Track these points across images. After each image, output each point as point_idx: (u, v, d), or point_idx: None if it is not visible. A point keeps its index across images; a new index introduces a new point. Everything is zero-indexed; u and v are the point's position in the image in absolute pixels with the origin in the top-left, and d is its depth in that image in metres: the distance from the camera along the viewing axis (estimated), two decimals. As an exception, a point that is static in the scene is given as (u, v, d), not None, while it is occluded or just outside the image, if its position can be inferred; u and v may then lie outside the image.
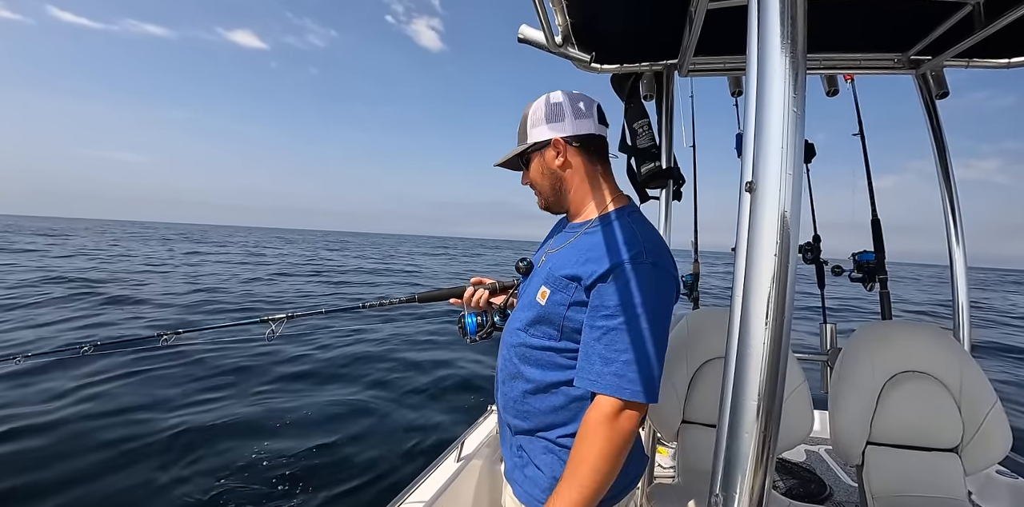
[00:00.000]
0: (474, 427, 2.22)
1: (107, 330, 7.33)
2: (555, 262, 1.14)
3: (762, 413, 0.59)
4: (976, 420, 1.62)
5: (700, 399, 1.74)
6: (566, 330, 1.07)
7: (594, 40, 1.99)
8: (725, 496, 0.62)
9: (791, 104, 0.61)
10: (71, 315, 8.09)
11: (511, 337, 1.19)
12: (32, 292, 9.97)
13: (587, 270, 1.04)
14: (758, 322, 0.60)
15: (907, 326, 1.85)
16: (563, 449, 1.10)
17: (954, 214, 2.07)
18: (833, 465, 2.51)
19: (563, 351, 1.09)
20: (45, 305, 8.77)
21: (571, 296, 1.06)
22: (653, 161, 2.19)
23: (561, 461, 1.09)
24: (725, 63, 2.20)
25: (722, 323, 0.65)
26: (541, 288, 1.12)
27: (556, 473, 1.08)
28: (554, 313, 1.08)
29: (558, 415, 1.10)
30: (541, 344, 1.11)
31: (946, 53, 1.90)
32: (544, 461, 1.12)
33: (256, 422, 4.26)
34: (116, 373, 5.12)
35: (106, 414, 4.22)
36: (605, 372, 0.97)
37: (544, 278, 1.13)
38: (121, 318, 8.14)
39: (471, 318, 1.36)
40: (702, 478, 1.63)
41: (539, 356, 1.11)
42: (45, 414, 4.10)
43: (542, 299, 1.11)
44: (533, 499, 1.12)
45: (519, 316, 1.19)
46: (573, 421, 1.10)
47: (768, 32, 0.62)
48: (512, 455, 1.21)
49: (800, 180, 0.62)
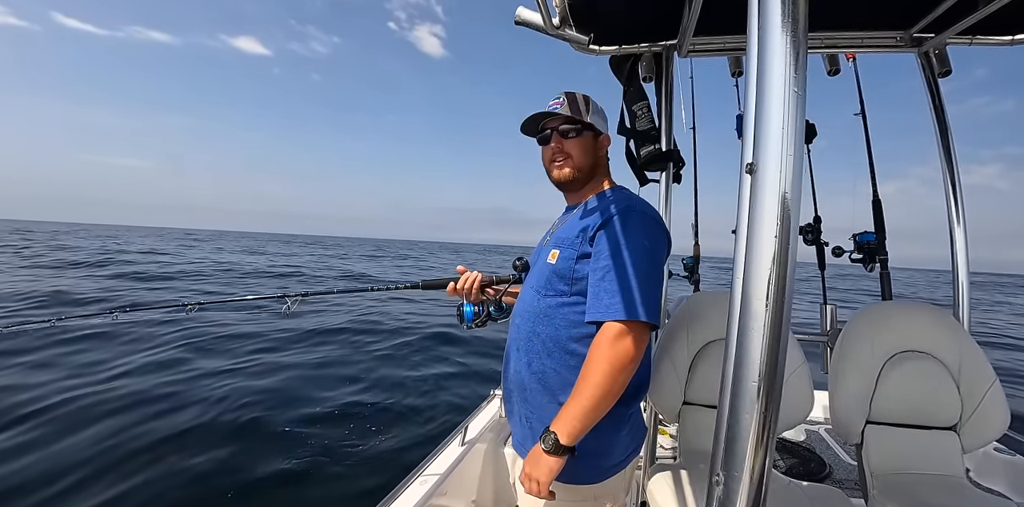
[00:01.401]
0: (477, 411, 2.24)
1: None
2: (561, 231, 1.30)
3: (762, 394, 0.60)
4: (975, 399, 1.64)
5: (701, 380, 1.76)
6: (576, 282, 1.18)
7: (592, 21, 1.96)
8: (726, 476, 0.62)
9: (792, 84, 0.60)
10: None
11: (525, 305, 1.29)
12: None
13: (588, 224, 1.20)
14: (758, 303, 0.60)
15: (907, 306, 1.86)
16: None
17: (955, 195, 2.06)
18: (833, 444, 2.54)
19: (575, 305, 1.18)
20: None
21: (577, 250, 1.19)
22: (653, 143, 2.18)
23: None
24: (725, 43, 2.16)
25: (723, 305, 0.65)
26: (551, 251, 1.26)
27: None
28: (564, 267, 1.20)
29: (572, 374, 1.14)
30: (555, 302, 1.21)
31: (949, 31, 1.88)
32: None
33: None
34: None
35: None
36: (610, 303, 1.08)
37: (553, 244, 1.27)
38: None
39: (469, 307, 1.45)
40: (703, 458, 1.65)
41: (553, 314, 1.21)
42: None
43: (552, 259, 1.24)
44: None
45: (532, 283, 1.32)
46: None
47: (768, 10, 0.61)
48: (523, 427, 1.28)
49: (801, 161, 0.61)
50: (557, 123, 1.30)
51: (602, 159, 1.37)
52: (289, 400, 4.48)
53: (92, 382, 4.64)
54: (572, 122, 1.29)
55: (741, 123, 1.37)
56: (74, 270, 14.44)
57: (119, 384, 4.63)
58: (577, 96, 1.31)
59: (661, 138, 2.21)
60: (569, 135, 1.29)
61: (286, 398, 4.52)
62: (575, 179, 1.32)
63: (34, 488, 2.89)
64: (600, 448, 1.16)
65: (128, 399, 4.28)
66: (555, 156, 1.31)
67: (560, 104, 1.30)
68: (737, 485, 0.61)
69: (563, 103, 1.30)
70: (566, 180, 1.32)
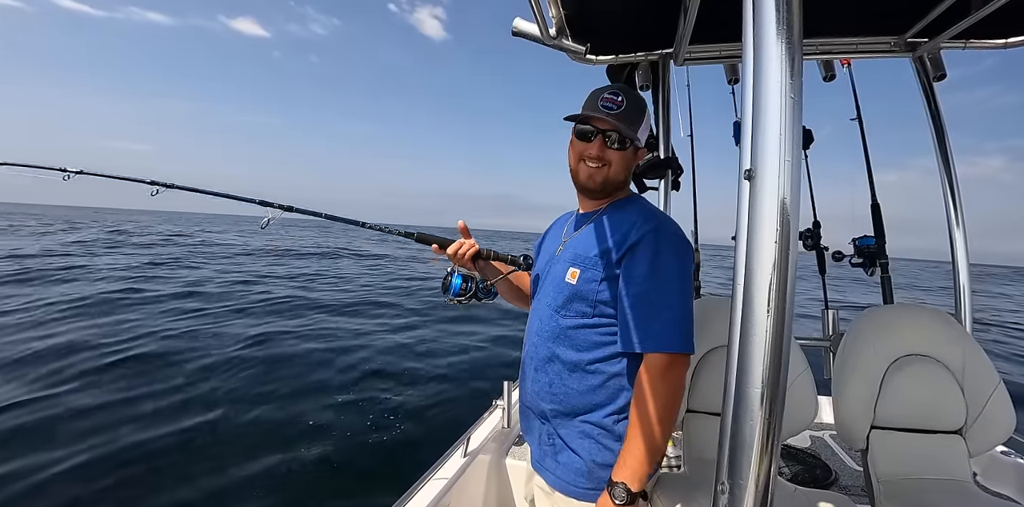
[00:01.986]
0: (479, 423, 2.23)
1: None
2: (579, 244, 1.21)
3: (766, 400, 0.59)
4: (979, 402, 1.63)
5: (704, 388, 1.75)
6: (599, 305, 1.13)
7: (589, 31, 1.98)
8: (731, 484, 0.62)
9: (788, 90, 0.60)
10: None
11: (542, 323, 1.22)
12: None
13: (614, 244, 1.12)
14: (760, 309, 0.60)
15: (908, 309, 1.85)
16: (603, 431, 1.13)
17: (954, 198, 2.06)
18: (838, 450, 2.52)
19: (596, 327, 1.13)
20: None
21: (602, 271, 1.12)
22: (651, 151, 2.19)
23: (599, 445, 1.12)
24: (721, 51, 2.18)
25: (724, 312, 0.65)
26: (570, 269, 1.17)
27: (595, 457, 1.12)
28: (587, 289, 1.13)
29: (596, 395, 1.13)
30: (576, 323, 1.15)
31: (943, 35, 1.89)
32: (581, 446, 1.14)
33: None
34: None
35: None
36: (649, 331, 1.03)
37: (571, 260, 1.19)
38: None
39: (458, 279, 1.34)
40: (708, 467, 1.63)
41: (574, 335, 1.16)
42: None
43: (572, 279, 1.16)
44: (569, 485, 1.14)
45: (547, 301, 1.23)
46: (612, 401, 1.13)
47: (764, 18, 0.62)
48: (542, 444, 1.23)
49: (799, 167, 0.61)
50: (607, 127, 1.15)
51: (631, 172, 1.25)
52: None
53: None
54: (624, 133, 1.16)
55: (739, 130, 1.37)
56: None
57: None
58: (638, 100, 1.17)
59: (659, 146, 2.22)
60: (614, 146, 1.16)
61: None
62: (603, 190, 1.22)
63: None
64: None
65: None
66: (591, 160, 1.18)
67: (619, 105, 1.15)
68: (743, 493, 0.61)
69: (622, 105, 1.15)
70: (595, 188, 1.21)
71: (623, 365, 1.13)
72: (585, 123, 1.18)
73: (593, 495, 1.10)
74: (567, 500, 1.14)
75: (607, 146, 1.16)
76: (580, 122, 1.19)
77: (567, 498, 1.14)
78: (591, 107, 1.17)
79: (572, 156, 1.23)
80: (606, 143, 1.16)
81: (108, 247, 18.59)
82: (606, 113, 1.14)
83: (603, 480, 1.09)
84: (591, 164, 1.18)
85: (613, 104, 1.15)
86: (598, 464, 1.12)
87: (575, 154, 1.21)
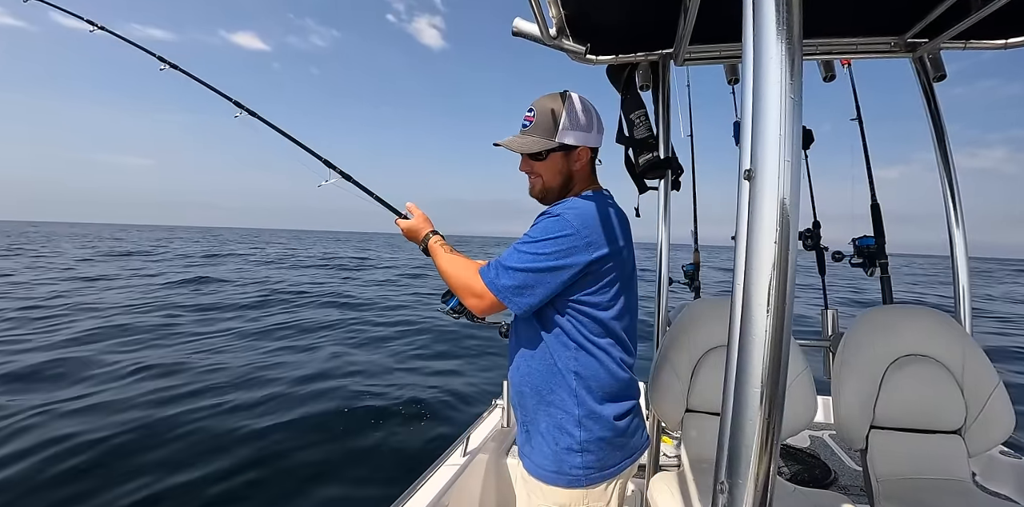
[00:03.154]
0: (479, 422, 2.23)
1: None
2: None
3: (765, 400, 0.60)
4: (979, 402, 1.63)
5: (703, 388, 1.75)
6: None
7: (589, 31, 1.98)
8: (731, 483, 0.62)
9: (788, 91, 0.61)
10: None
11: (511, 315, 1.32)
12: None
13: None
14: (759, 310, 0.60)
15: (908, 310, 1.86)
16: (559, 411, 1.18)
17: (954, 199, 2.07)
18: (837, 450, 2.53)
19: (544, 307, 1.19)
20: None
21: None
22: (651, 151, 2.18)
23: (559, 429, 1.17)
24: (721, 51, 2.18)
25: (723, 312, 0.65)
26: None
27: (560, 442, 1.17)
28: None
29: (554, 376, 1.19)
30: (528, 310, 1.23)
31: (943, 35, 1.89)
32: (546, 429, 1.20)
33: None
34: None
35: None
36: (500, 258, 1.18)
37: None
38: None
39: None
40: (707, 466, 1.64)
41: (519, 323, 1.29)
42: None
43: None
44: (540, 468, 1.19)
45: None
46: (557, 384, 1.18)
47: (763, 18, 0.62)
48: (521, 432, 1.30)
49: (799, 167, 0.62)
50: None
51: (579, 172, 1.29)
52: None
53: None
54: (528, 147, 1.25)
55: (738, 130, 1.37)
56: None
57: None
58: (550, 110, 1.22)
59: (659, 146, 2.22)
60: (538, 158, 1.26)
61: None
62: (545, 198, 1.31)
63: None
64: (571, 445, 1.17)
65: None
66: (527, 175, 1.31)
67: (530, 120, 1.24)
68: (742, 493, 0.61)
69: (532, 119, 1.23)
70: (537, 197, 1.33)
71: (571, 352, 1.18)
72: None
73: (557, 479, 1.16)
74: (537, 483, 1.19)
75: (533, 160, 1.27)
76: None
77: (537, 481, 1.19)
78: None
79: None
80: (532, 158, 1.27)
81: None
82: (521, 133, 1.26)
83: (566, 464, 1.15)
84: (530, 179, 1.31)
85: (527, 120, 1.25)
86: (559, 446, 1.17)
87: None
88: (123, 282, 13.25)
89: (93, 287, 12.08)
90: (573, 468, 1.16)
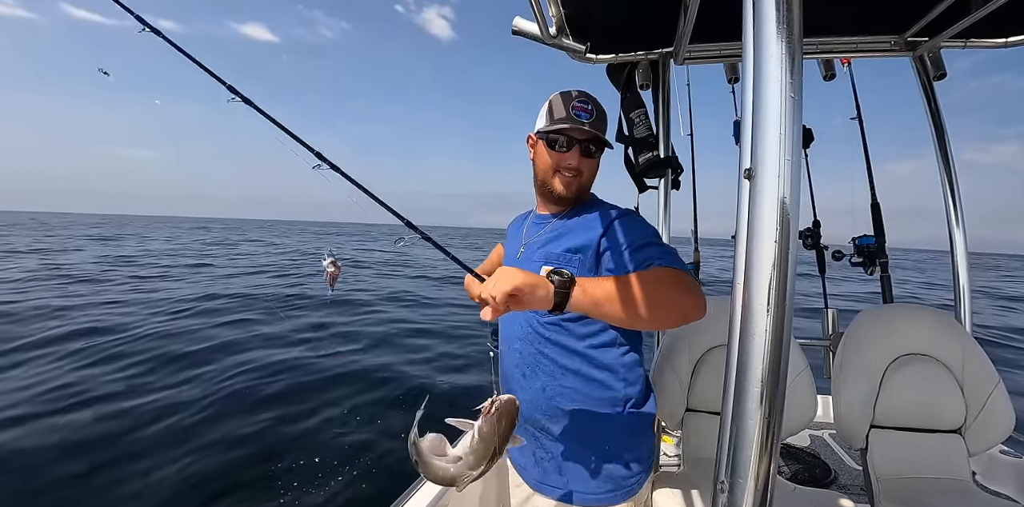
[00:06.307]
0: None
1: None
2: (548, 243, 1.18)
3: (765, 399, 0.59)
4: (979, 401, 1.63)
5: (703, 387, 1.75)
6: None
7: (588, 30, 1.97)
8: (731, 482, 0.62)
9: (788, 90, 0.60)
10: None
11: (520, 327, 1.19)
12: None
13: (588, 238, 1.11)
14: (759, 309, 0.60)
15: (908, 309, 1.85)
16: (609, 425, 1.11)
17: (954, 197, 2.07)
18: (837, 449, 2.52)
19: (576, 320, 1.12)
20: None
21: (576, 267, 1.10)
22: (651, 151, 2.18)
23: (605, 441, 1.11)
24: (721, 50, 2.18)
25: (723, 311, 0.65)
26: (544, 268, 1.10)
27: (604, 456, 1.10)
28: None
29: (595, 390, 1.12)
30: (557, 318, 1.12)
31: (943, 34, 1.89)
32: (586, 449, 1.12)
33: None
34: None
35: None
36: (663, 252, 1.02)
37: (543, 259, 1.15)
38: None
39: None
40: (707, 465, 1.64)
41: (559, 331, 1.14)
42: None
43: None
44: (586, 495, 1.10)
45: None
46: (609, 387, 1.12)
47: (764, 17, 0.62)
48: (540, 461, 1.17)
49: (799, 166, 0.61)
50: (587, 137, 1.15)
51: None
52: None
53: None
54: (599, 141, 1.16)
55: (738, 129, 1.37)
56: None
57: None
58: (600, 105, 1.17)
59: (659, 145, 2.22)
60: (591, 155, 1.17)
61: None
62: (577, 197, 1.21)
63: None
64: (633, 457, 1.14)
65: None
66: (567, 170, 1.16)
67: (591, 113, 1.14)
68: (742, 492, 0.61)
69: (594, 113, 1.15)
70: (571, 196, 1.20)
71: (614, 355, 1.12)
72: (559, 133, 1.15)
73: (614, 496, 1.09)
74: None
75: (583, 155, 1.16)
76: (553, 132, 1.15)
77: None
78: (563, 116, 1.14)
79: (542, 165, 1.20)
80: (582, 153, 1.16)
81: None
82: (582, 122, 1.13)
83: (620, 478, 1.09)
84: (567, 174, 1.17)
85: (586, 112, 1.14)
86: (609, 462, 1.10)
87: (548, 164, 1.18)
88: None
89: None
90: (628, 478, 1.11)
